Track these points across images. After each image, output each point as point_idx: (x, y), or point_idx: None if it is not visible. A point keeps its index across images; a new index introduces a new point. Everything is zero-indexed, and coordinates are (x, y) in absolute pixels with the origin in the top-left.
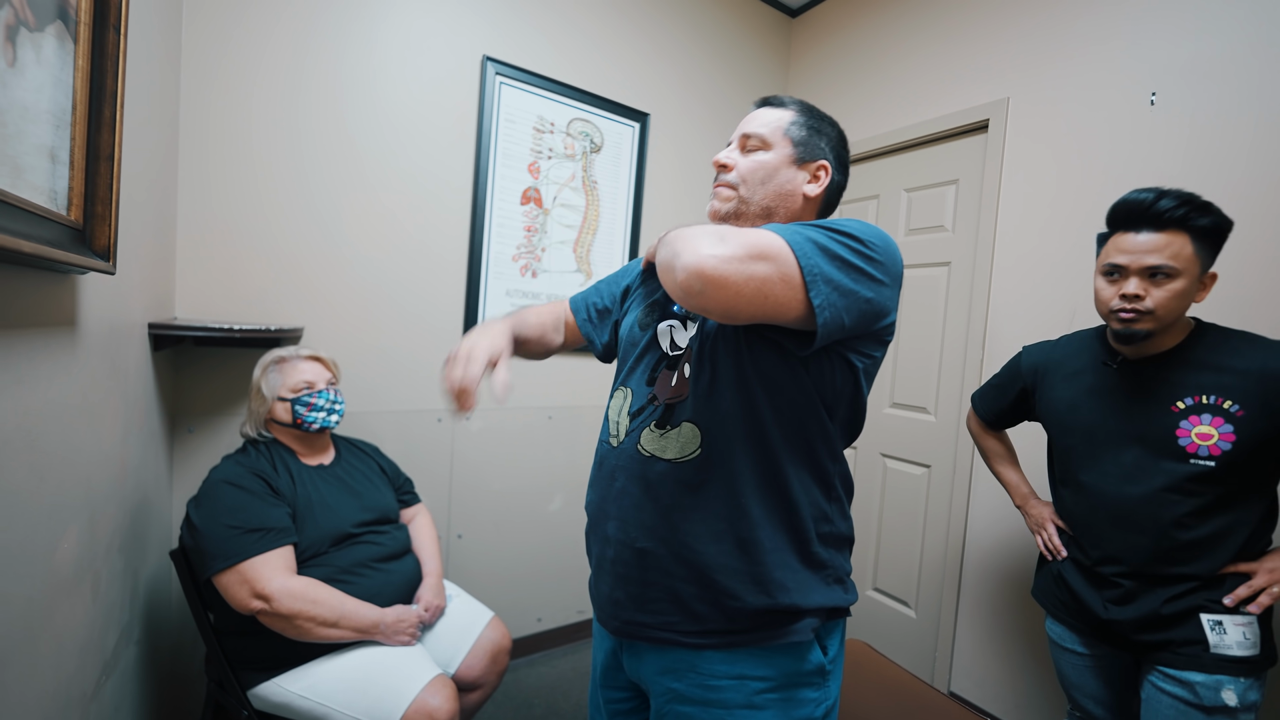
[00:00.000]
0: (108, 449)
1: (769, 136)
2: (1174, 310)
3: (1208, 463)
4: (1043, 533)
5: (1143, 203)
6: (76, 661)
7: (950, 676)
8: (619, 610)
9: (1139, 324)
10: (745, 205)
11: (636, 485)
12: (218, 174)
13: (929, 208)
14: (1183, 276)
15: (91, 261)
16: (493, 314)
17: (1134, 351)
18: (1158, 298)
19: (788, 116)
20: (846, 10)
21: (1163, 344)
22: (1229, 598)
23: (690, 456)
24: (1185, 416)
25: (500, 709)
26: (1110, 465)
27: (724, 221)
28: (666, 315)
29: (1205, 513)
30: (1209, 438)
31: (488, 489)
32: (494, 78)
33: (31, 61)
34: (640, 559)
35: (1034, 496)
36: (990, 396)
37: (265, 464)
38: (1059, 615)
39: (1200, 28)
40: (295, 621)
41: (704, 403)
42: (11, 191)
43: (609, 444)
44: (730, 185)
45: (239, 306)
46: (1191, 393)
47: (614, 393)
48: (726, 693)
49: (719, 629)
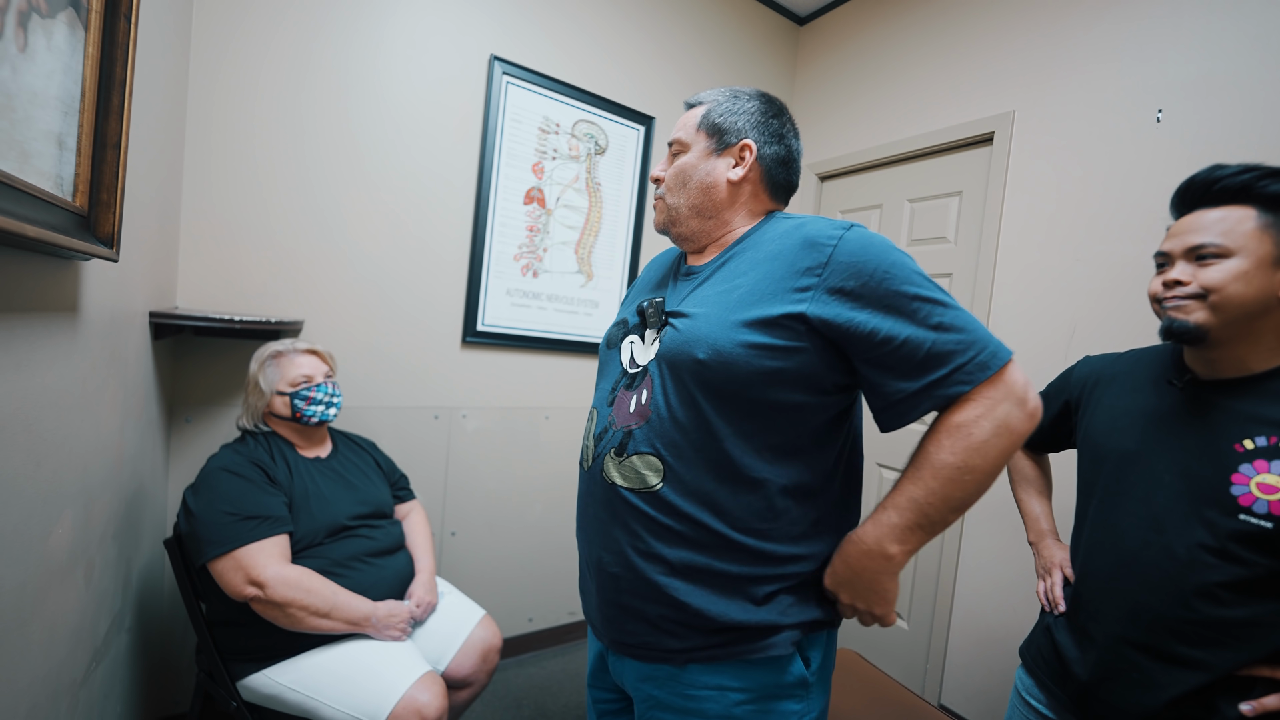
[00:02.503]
0: (105, 436)
1: (685, 137)
2: (1237, 297)
3: (1263, 522)
4: (1047, 579)
5: (1197, 178)
6: (67, 647)
7: (941, 688)
8: (604, 625)
9: (1187, 314)
10: (674, 212)
11: (604, 511)
12: (222, 166)
13: (932, 219)
14: (1240, 255)
15: (95, 248)
16: (493, 313)
17: (1206, 367)
18: (1208, 278)
19: (701, 110)
20: (854, 19)
21: (1248, 364)
22: (1249, 705)
23: (653, 488)
24: (1250, 459)
25: (489, 708)
26: (1138, 504)
27: (663, 233)
28: (630, 330)
29: (1246, 589)
30: (1274, 490)
31: (483, 488)
32: (501, 77)
33: (42, 47)
34: (614, 583)
35: (1052, 536)
36: None
37: (263, 454)
38: (1037, 673)
39: (1207, 46)
40: (288, 610)
41: (665, 427)
42: (18, 176)
43: (583, 468)
44: (659, 197)
45: (239, 298)
46: (1269, 431)
47: (589, 415)
48: (706, 703)
49: (696, 645)
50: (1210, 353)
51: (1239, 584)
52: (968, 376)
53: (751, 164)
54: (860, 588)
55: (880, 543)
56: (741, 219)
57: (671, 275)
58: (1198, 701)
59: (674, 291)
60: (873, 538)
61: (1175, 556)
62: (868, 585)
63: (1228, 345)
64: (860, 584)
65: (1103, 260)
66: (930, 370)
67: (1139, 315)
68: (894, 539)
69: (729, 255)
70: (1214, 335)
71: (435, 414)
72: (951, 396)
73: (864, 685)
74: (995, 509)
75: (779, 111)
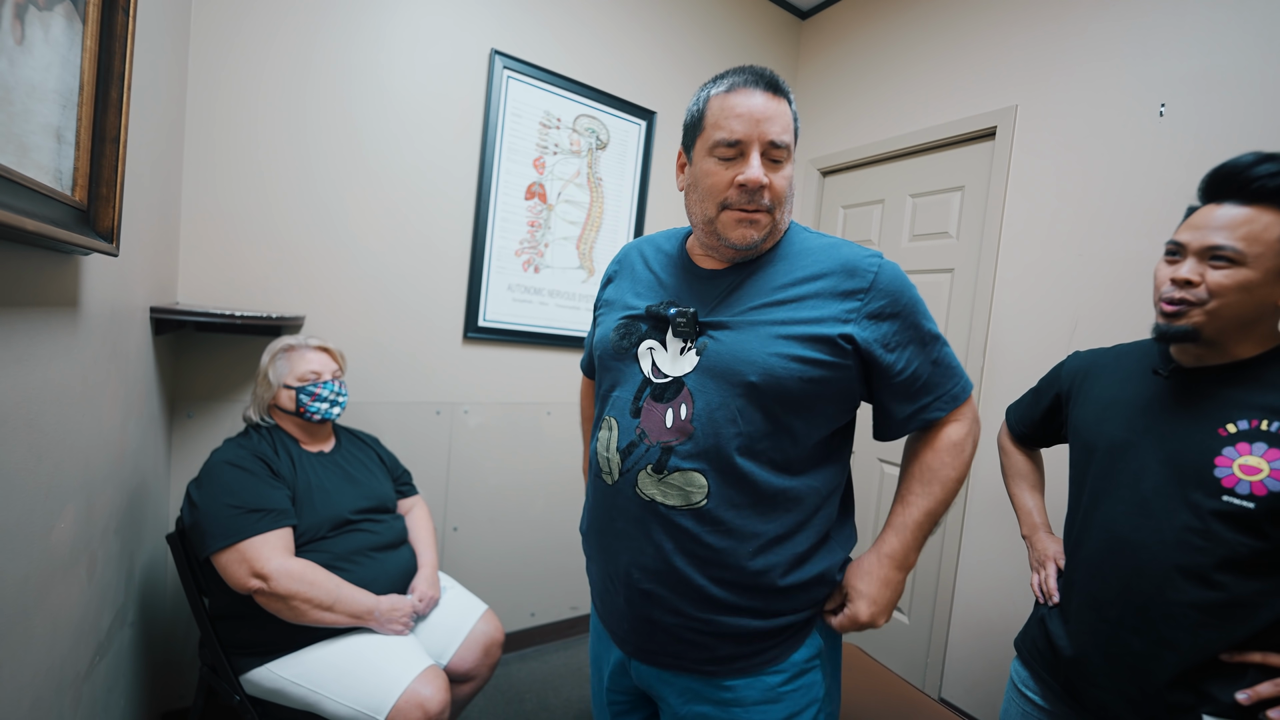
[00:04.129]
0: (107, 431)
1: (790, 141)
2: (1236, 307)
3: (1245, 503)
4: (1041, 571)
5: (1236, 166)
6: (70, 641)
7: (941, 682)
8: (633, 636)
9: (1184, 318)
10: (776, 231)
11: (636, 528)
12: (223, 160)
13: (934, 214)
14: (1252, 266)
15: (95, 243)
16: (494, 308)
17: (1192, 359)
18: (1214, 282)
19: (791, 109)
20: (857, 13)
21: (1232, 352)
22: (1245, 694)
23: (697, 505)
24: (1233, 442)
25: (491, 702)
26: (1127, 490)
27: (750, 246)
28: (645, 335)
29: (1230, 569)
30: (1256, 472)
31: (485, 483)
32: (502, 71)
33: (39, 40)
34: (645, 599)
35: (1045, 530)
36: (1023, 404)
37: (266, 448)
38: (1032, 664)
39: (1210, 41)
40: (291, 603)
41: (710, 445)
42: (17, 170)
43: (604, 481)
44: (765, 210)
45: (240, 293)
46: (1250, 414)
47: (599, 422)
48: (742, 691)
49: (731, 655)
50: (1198, 349)
51: (1224, 564)
52: (950, 403)
53: (686, 166)
54: (890, 602)
55: (908, 555)
56: None
57: (678, 275)
58: (1187, 686)
59: (692, 295)
60: (901, 553)
61: (1163, 539)
62: (894, 598)
63: (1219, 341)
64: (892, 598)
65: (1105, 255)
66: (922, 397)
67: (1141, 310)
68: (916, 548)
69: (760, 264)
70: (1204, 336)
71: (437, 409)
72: (932, 420)
73: (866, 679)
74: (995, 506)
75: (700, 94)
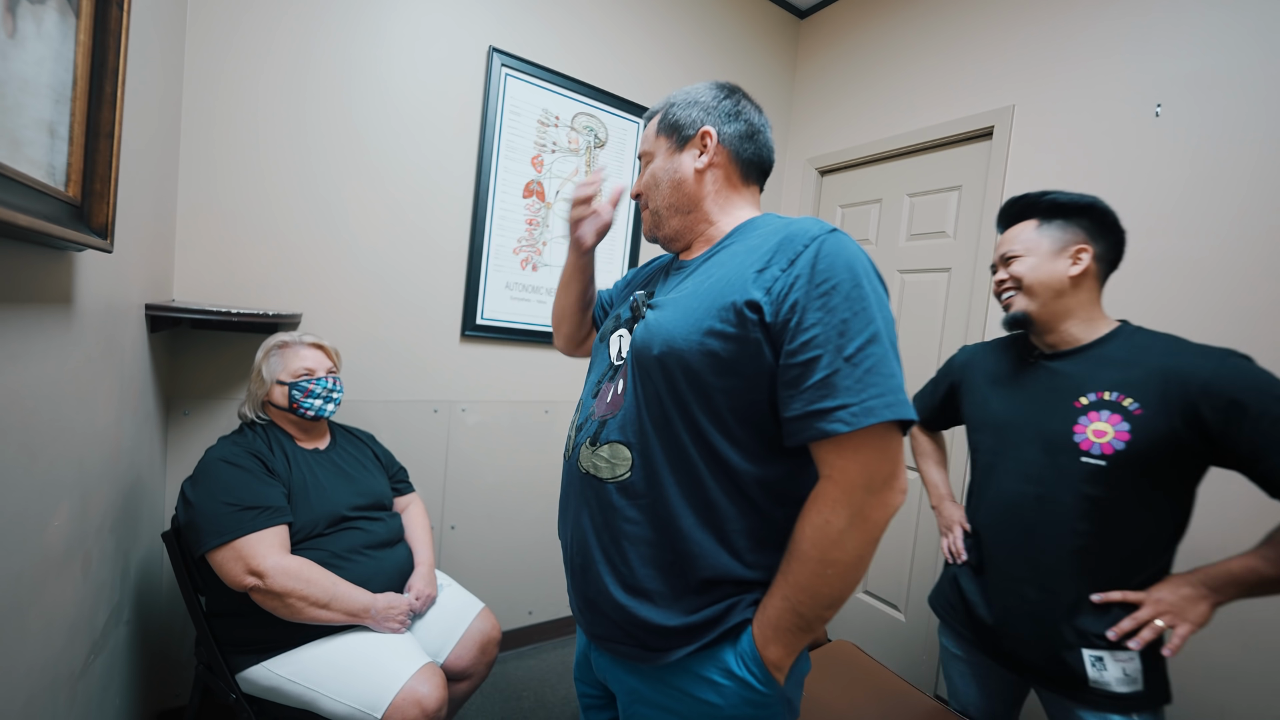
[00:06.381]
0: (101, 429)
1: (648, 147)
2: (1034, 280)
3: (1099, 461)
4: (949, 534)
5: (1004, 206)
6: (65, 638)
7: (937, 680)
8: (580, 617)
9: (1014, 305)
10: (656, 217)
11: (578, 501)
12: (219, 156)
13: (931, 213)
14: (1029, 254)
15: (89, 239)
16: (492, 306)
17: (1049, 345)
18: (1013, 271)
19: (658, 116)
20: (855, 13)
21: (1078, 338)
22: (1112, 631)
23: (621, 478)
24: (1085, 412)
25: (489, 700)
26: (1013, 463)
27: (654, 241)
28: (620, 324)
29: (1094, 518)
30: (1103, 435)
31: (482, 482)
32: (500, 69)
33: (32, 34)
34: (584, 574)
35: (950, 499)
36: (925, 393)
37: (261, 445)
38: (949, 620)
39: (1206, 41)
40: (287, 600)
41: (633, 419)
42: (9, 165)
43: (565, 458)
44: (643, 209)
45: (237, 290)
46: (1096, 388)
47: None
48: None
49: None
50: (1047, 336)
51: (1088, 514)
52: (856, 417)
53: (715, 148)
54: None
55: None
56: (723, 209)
57: (663, 271)
58: (1071, 627)
59: (662, 286)
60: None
61: (1044, 501)
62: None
63: (1052, 324)
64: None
65: None
66: (820, 397)
67: (1138, 308)
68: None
69: (716, 249)
70: (1036, 317)
71: (435, 408)
72: (827, 434)
73: (861, 676)
74: None
75: (731, 91)
